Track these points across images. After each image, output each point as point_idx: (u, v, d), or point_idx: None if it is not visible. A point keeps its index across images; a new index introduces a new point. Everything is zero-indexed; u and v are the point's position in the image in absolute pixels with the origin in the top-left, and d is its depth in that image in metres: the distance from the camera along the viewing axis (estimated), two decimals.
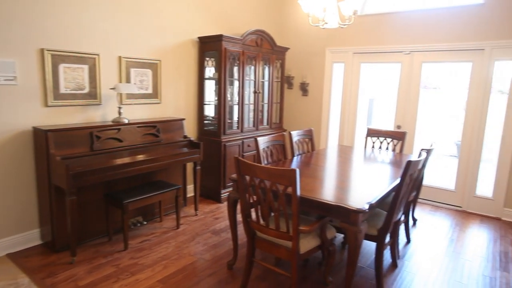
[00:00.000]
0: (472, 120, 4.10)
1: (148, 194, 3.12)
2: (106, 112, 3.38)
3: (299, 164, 3.12)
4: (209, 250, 3.02)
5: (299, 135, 3.65)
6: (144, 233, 3.30)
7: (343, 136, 5.15)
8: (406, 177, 2.37)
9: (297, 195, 2.05)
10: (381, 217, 2.65)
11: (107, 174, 2.86)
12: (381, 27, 4.60)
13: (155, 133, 3.45)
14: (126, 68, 3.49)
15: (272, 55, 4.72)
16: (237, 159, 2.24)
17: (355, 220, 2.10)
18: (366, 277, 2.68)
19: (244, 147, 4.36)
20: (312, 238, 2.31)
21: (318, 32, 5.12)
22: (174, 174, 3.80)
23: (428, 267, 2.84)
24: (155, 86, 3.80)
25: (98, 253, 2.91)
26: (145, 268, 2.71)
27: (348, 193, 2.36)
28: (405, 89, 4.54)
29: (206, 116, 4.35)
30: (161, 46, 3.82)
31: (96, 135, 3.00)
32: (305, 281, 2.59)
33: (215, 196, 4.23)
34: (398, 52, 4.54)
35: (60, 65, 2.99)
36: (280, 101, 5.12)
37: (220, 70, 4.01)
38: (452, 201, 4.32)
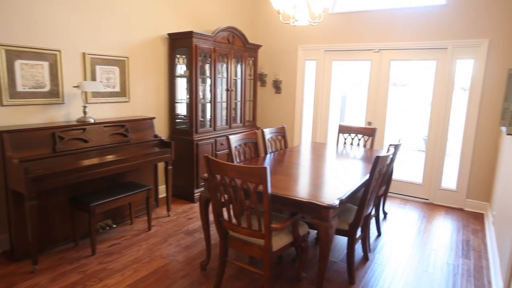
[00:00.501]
0: (437, 116, 4.26)
1: (116, 196, 3.01)
2: (70, 111, 3.23)
3: (272, 162, 3.11)
4: (182, 251, 2.96)
5: (271, 132, 3.65)
6: (113, 237, 3.18)
7: (316, 133, 5.21)
8: (375, 172, 2.42)
9: (268, 192, 2.03)
10: (352, 212, 2.70)
11: (72, 177, 2.73)
12: (351, 25, 4.68)
13: (124, 132, 3.34)
14: (91, 65, 3.34)
15: (244, 53, 4.69)
16: (207, 157, 2.20)
17: (325, 216, 2.11)
18: (339, 271, 2.71)
19: (217, 145, 4.31)
20: (284, 235, 2.30)
21: (290, 30, 5.15)
22: (145, 174, 3.69)
23: (397, 259, 2.92)
24: (123, 84, 3.67)
25: (63, 259, 2.77)
26: (114, 273, 2.61)
27: (320, 190, 2.38)
28: (375, 86, 4.65)
29: (178, 115, 4.26)
30: (129, 43, 3.69)
31: (59, 135, 2.85)
32: (279, 278, 2.59)
33: (188, 196, 4.15)
34: (368, 50, 4.64)
35: (16, 61, 2.81)
36: (253, 99, 5.10)
37: (191, 68, 3.93)
38: (420, 194, 4.48)
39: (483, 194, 4.06)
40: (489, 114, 3.93)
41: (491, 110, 3.91)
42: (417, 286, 2.54)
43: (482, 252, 3.08)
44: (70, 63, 3.19)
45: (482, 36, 3.87)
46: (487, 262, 2.90)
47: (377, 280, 2.61)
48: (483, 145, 3.99)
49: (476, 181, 4.08)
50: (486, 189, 4.03)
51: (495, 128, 3.91)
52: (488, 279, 2.64)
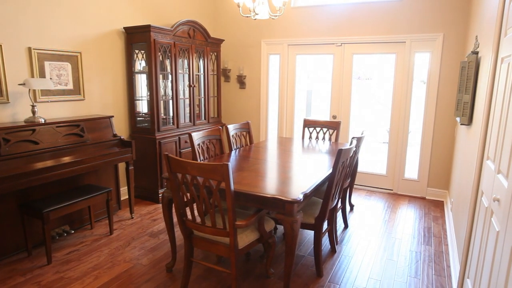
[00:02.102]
0: (398, 108, 4.39)
1: (73, 200, 2.83)
2: (16, 111, 2.98)
3: (237, 158, 3.06)
4: (146, 254, 2.83)
5: (236, 128, 3.59)
6: (71, 243, 3.00)
7: (282, 127, 5.21)
8: (338, 165, 2.44)
9: (231, 190, 1.98)
10: (318, 205, 2.71)
11: (20, 182, 2.52)
12: (313, 19, 4.70)
13: (79, 132, 3.14)
14: (38, 61, 3.10)
15: (206, 47, 4.58)
16: (167, 156, 2.11)
17: (290, 211, 2.10)
18: (307, 265, 2.72)
19: (181, 143, 4.18)
20: (250, 232, 2.26)
21: (253, 24, 5.09)
22: (104, 176, 3.51)
23: (363, 249, 2.98)
24: (77, 81, 3.45)
25: (14, 271, 2.56)
26: (72, 281, 2.45)
27: (286, 185, 2.36)
28: (339, 80, 4.72)
29: (138, 113, 4.08)
30: (82, 37, 3.46)
31: (4, 137, 2.62)
32: (247, 276, 2.55)
33: (152, 197, 4.00)
34: (330, 44, 4.68)
35: None
36: (217, 95, 5.01)
37: (150, 63, 3.77)
38: (384, 185, 4.61)
39: (442, 182, 4.25)
40: (445, 105, 4.10)
41: (447, 102, 4.08)
42: (383, 274, 2.60)
43: (442, 238, 3.21)
44: (14, 59, 2.93)
45: (437, 31, 4.03)
46: (446, 247, 3.03)
47: (345, 271, 2.64)
48: (441, 135, 4.17)
49: (436, 170, 4.26)
50: (445, 178, 4.22)
51: (451, 119, 4.09)
52: (447, 263, 2.76)
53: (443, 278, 2.56)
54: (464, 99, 2.80)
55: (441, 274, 2.61)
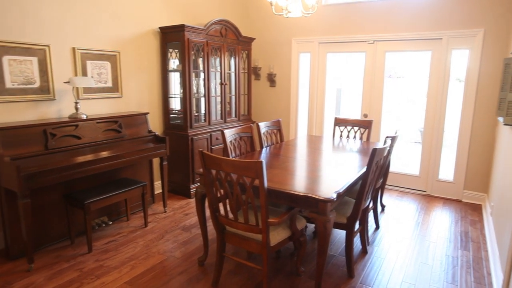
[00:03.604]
0: (433, 107, 4.24)
1: (112, 193, 2.97)
2: (61, 107, 3.16)
3: (267, 156, 3.08)
4: (179, 247, 2.93)
5: (267, 126, 3.61)
6: (110, 234, 3.15)
7: (312, 126, 5.18)
8: (372, 165, 2.40)
9: (265, 187, 2.00)
10: (350, 205, 2.68)
11: (65, 174, 2.68)
12: (345, 16, 4.63)
13: (117, 128, 3.28)
14: (81, 60, 3.27)
15: (237, 46, 4.63)
16: (201, 152, 2.16)
17: (323, 210, 2.09)
18: (338, 264, 2.70)
19: (212, 140, 4.27)
20: (282, 229, 2.28)
21: (284, 22, 5.08)
22: (140, 170, 3.65)
23: (396, 251, 2.92)
24: (115, 79, 3.61)
25: (59, 257, 2.74)
26: (111, 270, 2.57)
27: (317, 183, 2.35)
28: (370, 78, 4.62)
29: (172, 110, 4.20)
30: (120, 37, 3.61)
31: (51, 132, 2.79)
32: (277, 273, 2.58)
33: (184, 192, 4.12)
34: (362, 41, 4.59)
35: (4, 57, 2.74)
36: (248, 93, 5.05)
37: (184, 62, 3.86)
38: (417, 186, 4.48)
39: (480, 185, 4.06)
40: (485, 104, 3.91)
41: (488, 101, 3.89)
42: (417, 278, 2.54)
43: (481, 243, 3.08)
44: (60, 59, 3.11)
45: (477, 26, 3.84)
46: (486, 253, 2.90)
47: (377, 273, 2.60)
48: (480, 135, 3.99)
49: (473, 172, 4.08)
50: (483, 180, 4.03)
51: (491, 119, 3.90)
52: (488, 270, 2.65)
53: (483, 286, 2.46)
54: (509, 98, 2.66)
55: (481, 282, 2.50)
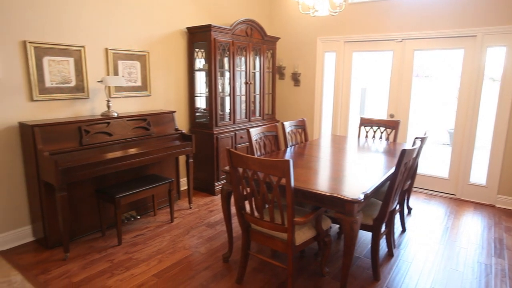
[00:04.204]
0: (465, 108, 4.09)
1: (140, 188, 3.07)
2: (94, 106, 3.30)
3: (292, 155, 3.09)
4: (204, 243, 2.99)
5: (291, 125, 3.61)
6: (138, 228, 3.26)
7: (336, 125, 5.13)
8: (401, 166, 2.36)
9: (291, 186, 2.01)
10: (377, 206, 2.64)
11: (97, 169, 2.80)
12: (372, 14, 4.55)
13: (146, 126, 3.38)
14: (113, 60, 3.39)
15: (262, 45, 4.65)
16: (229, 150, 2.20)
17: (350, 210, 2.08)
18: (363, 266, 2.67)
19: (237, 138, 4.31)
20: (307, 229, 2.28)
21: (309, 21, 5.05)
22: (166, 167, 3.75)
23: (423, 255, 2.85)
24: (144, 79, 3.72)
25: (91, 248, 2.86)
26: (139, 262, 2.67)
27: (342, 183, 2.34)
28: (398, 78, 4.52)
29: (197, 108, 4.28)
30: (149, 37, 3.72)
31: (85, 129, 2.92)
32: (301, 272, 2.58)
33: (209, 189, 4.19)
34: (390, 40, 4.50)
35: (44, 57, 2.89)
36: (272, 92, 5.07)
37: (210, 61, 3.93)
38: (446, 189, 4.34)
39: None
40: None
41: None
42: (447, 284, 2.46)
43: None
44: (94, 59, 3.25)
45: None
46: None
47: (403, 277, 2.55)
48: None
49: (508, 176, 3.90)
50: None
51: None
52: None
53: None
54: None
55: None
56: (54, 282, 2.40)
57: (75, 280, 2.43)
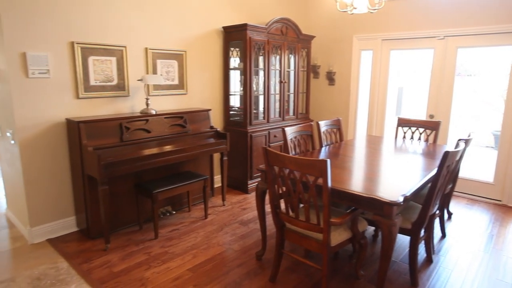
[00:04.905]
0: None
1: (177, 184, 3.15)
2: (134, 103, 3.43)
3: (327, 155, 3.04)
4: (237, 240, 3.02)
5: (327, 125, 3.56)
6: (173, 223, 3.35)
7: (372, 126, 4.99)
8: (443, 168, 2.25)
9: (328, 186, 1.99)
10: (415, 210, 2.54)
11: (137, 165, 2.90)
12: (412, 11, 4.37)
13: (182, 124, 3.47)
14: (152, 59, 3.51)
15: (297, 44, 4.61)
16: (265, 149, 2.20)
17: (389, 213, 2.01)
18: (399, 271, 2.59)
19: (271, 137, 4.31)
20: (343, 230, 2.24)
21: (345, 19, 4.95)
22: (201, 164, 3.82)
23: (466, 264, 2.70)
24: (181, 77, 3.81)
25: (130, 241, 2.98)
26: (175, 256, 2.74)
27: (380, 185, 2.27)
28: (438, 77, 4.32)
29: (231, 107, 4.33)
30: (186, 37, 3.81)
31: (126, 126, 3.04)
32: (335, 274, 2.54)
33: (242, 187, 4.22)
34: (431, 37, 4.30)
35: (90, 57, 3.04)
36: (306, 91, 5.02)
37: (245, 60, 3.95)
38: (491, 194, 4.09)
39: None
40: None
41: None
42: None
43: None
44: (134, 58, 3.37)
45: None
46: None
47: (443, 285, 2.44)
48: None
49: None
50: None
51: None
52: None
53: None
54: None
55: None
56: (96, 271, 2.53)
57: (115, 270, 2.54)
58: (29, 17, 2.68)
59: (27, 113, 2.77)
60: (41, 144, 2.88)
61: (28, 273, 2.49)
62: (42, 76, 2.80)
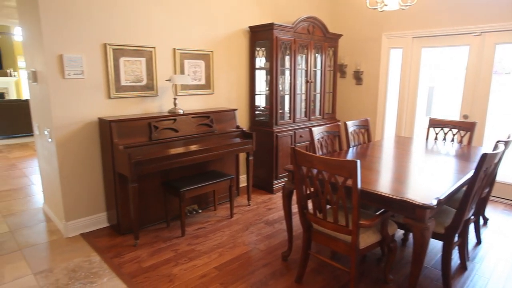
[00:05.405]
0: None
1: (203, 183, 3.19)
2: (162, 103, 3.50)
3: (355, 156, 2.98)
4: (263, 240, 3.02)
5: (354, 125, 3.48)
6: (199, 221, 3.39)
7: (401, 126, 4.84)
8: (481, 171, 2.14)
9: (358, 187, 1.94)
10: (448, 214, 2.44)
11: (165, 163, 2.96)
12: (446, 7, 4.20)
13: (209, 123, 3.51)
14: (180, 59, 3.57)
15: (324, 43, 4.55)
16: (293, 149, 2.18)
17: (421, 216, 1.94)
18: (431, 277, 2.49)
19: (296, 137, 4.28)
20: (372, 233, 2.19)
21: (374, 16, 4.83)
22: (227, 164, 3.85)
23: (504, 272, 2.56)
24: (208, 77, 3.86)
25: (158, 237, 3.05)
26: (201, 254, 2.78)
27: (410, 187, 2.20)
28: (474, 75, 4.12)
29: (257, 107, 4.33)
30: (213, 37, 3.85)
31: (154, 125, 3.11)
32: (363, 277, 2.48)
33: (267, 187, 4.22)
34: (466, 33, 4.11)
35: (121, 58, 3.14)
36: (333, 91, 4.94)
37: (271, 60, 3.94)
38: None
39: None
40: None
41: None
42: None
43: None
44: (163, 59, 3.44)
45: None
46: None
47: None
48: None
49: None
50: None
51: None
52: None
53: None
54: None
55: None
56: (126, 266, 2.60)
57: (144, 266, 2.60)
58: (65, 21, 2.80)
59: (63, 112, 2.89)
60: (75, 142, 3.00)
61: (64, 265, 2.61)
62: (76, 77, 2.92)
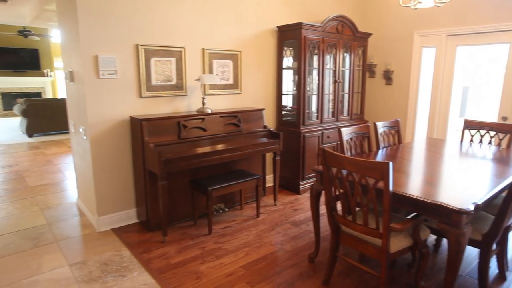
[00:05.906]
0: None
1: (230, 182, 3.21)
2: (191, 102, 3.56)
3: (384, 157, 2.90)
4: (289, 241, 3.00)
5: (384, 126, 3.39)
6: (226, 220, 3.42)
7: (433, 128, 4.67)
8: None
9: (390, 190, 1.89)
10: (486, 221, 2.33)
11: (193, 162, 3.01)
12: (483, 3, 4.00)
13: (236, 123, 3.53)
14: (209, 59, 3.62)
15: (353, 42, 4.46)
16: (323, 150, 2.16)
17: (457, 222, 1.86)
18: (466, 286, 2.38)
19: (324, 138, 4.23)
20: (403, 237, 2.12)
21: (406, 14, 4.68)
22: (254, 163, 3.86)
23: None
24: (236, 77, 3.88)
25: (185, 235, 3.10)
26: (228, 253, 2.80)
27: (445, 191, 2.11)
28: None
29: (284, 107, 4.32)
30: (241, 37, 3.87)
31: (183, 124, 3.17)
32: (393, 283, 2.41)
33: (294, 188, 4.19)
34: (507, 30, 3.90)
35: (152, 58, 3.22)
36: (362, 91, 4.84)
37: (299, 59, 3.92)
38: None
39: None
40: None
41: None
42: None
43: None
44: (192, 59, 3.50)
45: None
46: None
47: None
48: None
49: None
50: None
51: None
52: None
53: None
54: None
55: None
56: (155, 261, 2.67)
57: (172, 262, 2.66)
58: (101, 23, 2.91)
59: (97, 110, 3.01)
60: (108, 140, 3.11)
61: (97, 258, 2.71)
62: (110, 77, 3.02)
